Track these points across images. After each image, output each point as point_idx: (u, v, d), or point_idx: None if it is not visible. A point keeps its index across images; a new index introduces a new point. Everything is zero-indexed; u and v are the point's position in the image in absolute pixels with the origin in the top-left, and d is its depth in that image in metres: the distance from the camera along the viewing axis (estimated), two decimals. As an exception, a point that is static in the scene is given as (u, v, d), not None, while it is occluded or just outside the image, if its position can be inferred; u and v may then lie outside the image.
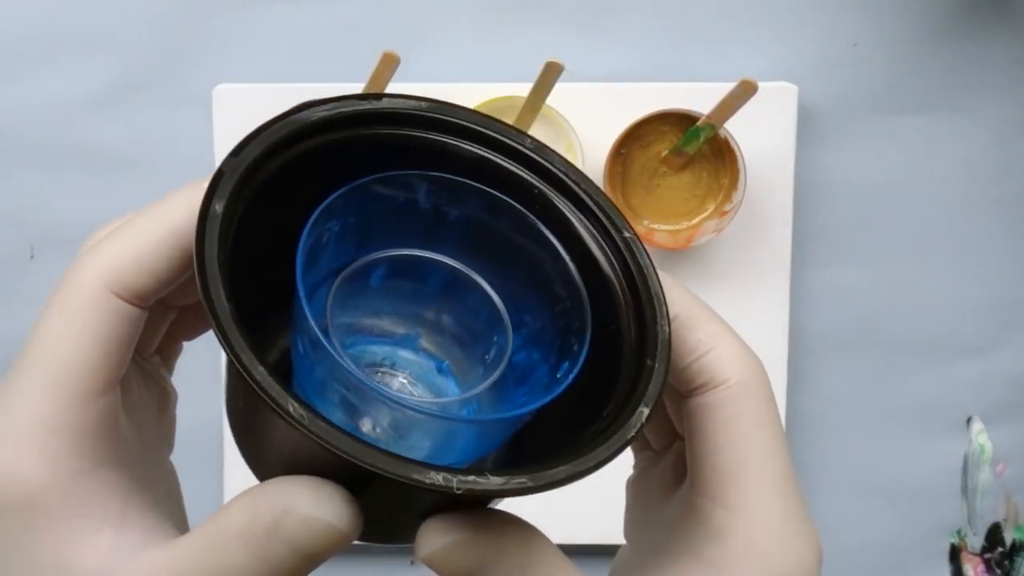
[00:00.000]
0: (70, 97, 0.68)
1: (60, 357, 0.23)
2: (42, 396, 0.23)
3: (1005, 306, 0.71)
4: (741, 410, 0.25)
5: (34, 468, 0.22)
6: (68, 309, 0.24)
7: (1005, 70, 0.68)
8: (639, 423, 0.23)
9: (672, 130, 0.64)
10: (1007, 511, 0.73)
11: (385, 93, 0.25)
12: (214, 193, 0.23)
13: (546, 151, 0.26)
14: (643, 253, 0.26)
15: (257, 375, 0.20)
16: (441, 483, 0.20)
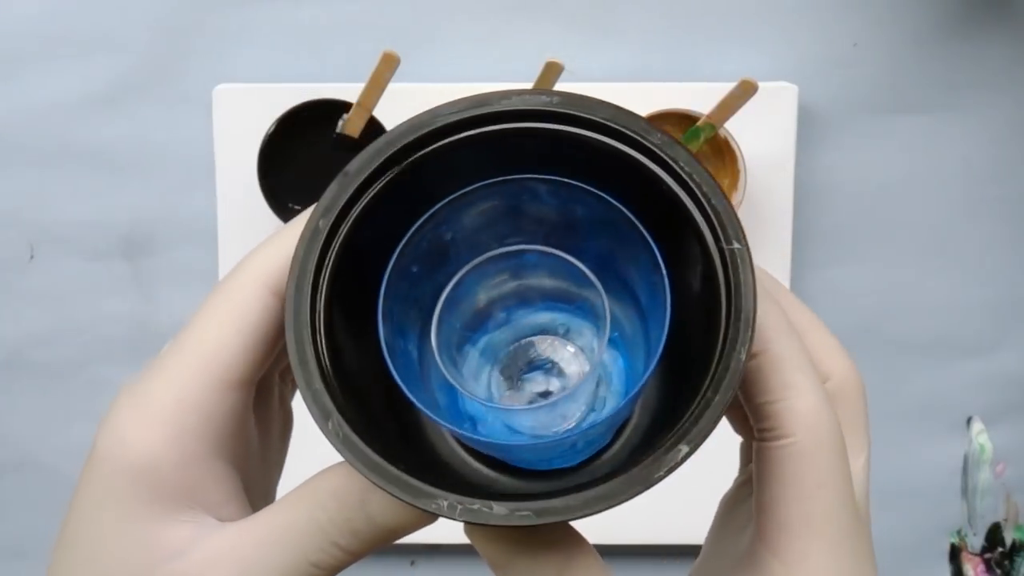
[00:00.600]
0: (70, 97, 0.68)
1: (208, 345, 0.25)
2: (182, 376, 0.25)
3: (1005, 306, 0.71)
4: (805, 469, 0.25)
5: (160, 441, 0.24)
6: (224, 301, 0.25)
7: (1005, 70, 0.68)
8: (671, 464, 0.22)
9: (672, 130, 0.64)
10: (1007, 511, 0.73)
11: (514, 91, 0.25)
12: (320, 211, 0.24)
13: (674, 147, 0.25)
14: (748, 268, 0.24)
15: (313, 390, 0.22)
16: (444, 510, 0.21)
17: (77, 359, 0.70)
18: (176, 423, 0.24)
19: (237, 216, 0.66)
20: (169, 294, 0.70)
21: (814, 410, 0.25)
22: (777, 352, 0.25)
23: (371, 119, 0.61)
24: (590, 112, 0.25)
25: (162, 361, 0.25)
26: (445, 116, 0.25)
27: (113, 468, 0.24)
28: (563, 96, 0.25)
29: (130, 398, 0.25)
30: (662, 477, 0.22)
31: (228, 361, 0.25)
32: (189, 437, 0.24)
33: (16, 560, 0.73)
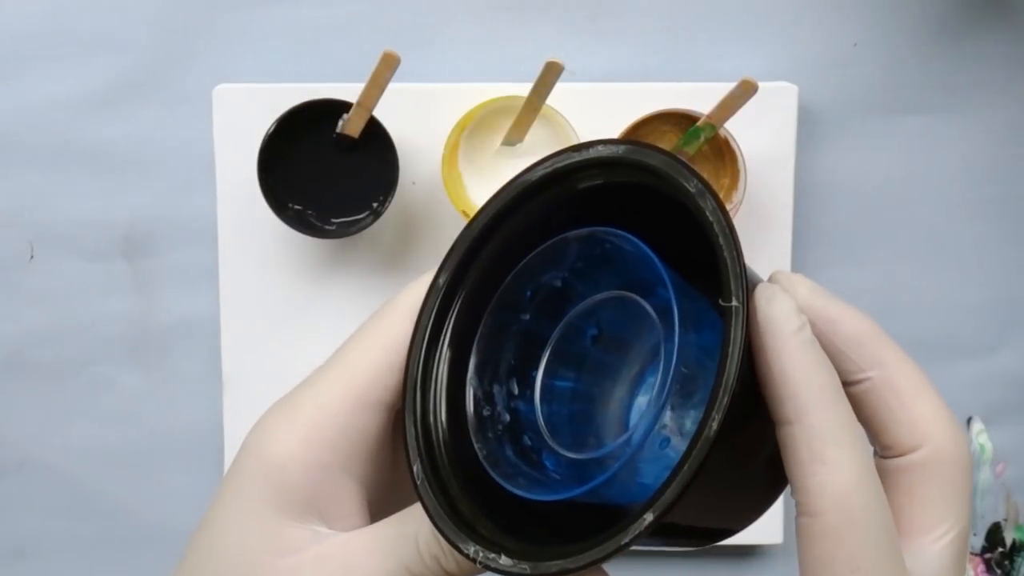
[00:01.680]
0: (70, 97, 0.68)
1: (353, 363, 0.27)
2: (325, 388, 0.27)
3: (1005, 306, 0.71)
4: (833, 550, 0.23)
5: (296, 447, 0.26)
6: (374, 324, 0.27)
7: (1005, 70, 0.68)
8: (636, 532, 0.22)
9: (672, 130, 0.64)
10: (1007, 511, 0.73)
11: (591, 142, 0.27)
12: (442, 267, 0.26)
13: (706, 196, 0.25)
14: (738, 327, 0.23)
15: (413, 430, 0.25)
16: (470, 554, 0.23)
17: (77, 359, 0.70)
18: (312, 429, 0.26)
19: (237, 216, 0.66)
20: (169, 294, 0.70)
21: (847, 489, 0.23)
22: (812, 423, 0.24)
23: (371, 119, 0.61)
24: (647, 158, 0.26)
25: (312, 375, 0.27)
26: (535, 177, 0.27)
27: (253, 463, 0.26)
28: (628, 146, 0.27)
29: (280, 404, 0.27)
30: (627, 544, 0.22)
31: (368, 380, 0.26)
32: (322, 445, 0.26)
33: (16, 560, 0.73)
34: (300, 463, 0.26)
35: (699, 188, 0.25)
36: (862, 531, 0.23)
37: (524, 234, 0.27)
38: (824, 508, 0.23)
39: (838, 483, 0.23)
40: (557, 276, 0.27)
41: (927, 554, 0.25)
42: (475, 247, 0.27)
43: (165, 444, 0.70)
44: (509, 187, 0.27)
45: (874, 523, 0.24)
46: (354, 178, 0.63)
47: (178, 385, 0.70)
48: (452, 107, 0.64)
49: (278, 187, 0.63)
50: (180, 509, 0.73)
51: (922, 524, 0.26)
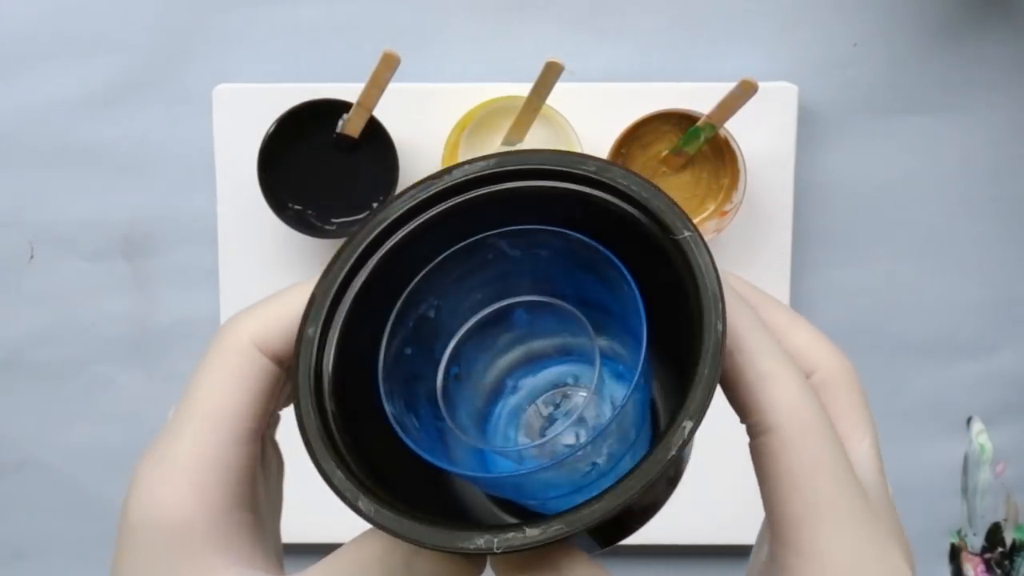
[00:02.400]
0: (70, 97, 0.68)
1: (214, 403, 0.27)
2: (199, 436, 0.26)
3: (1005, 306, 0.71)
4: (795, 456, 0.25)
5: (188, 498, 0.26)
6: (221, 361, 0.27)
7: (1005, 70, 0.68)
8: (680, 441, 0.22)
9: (672, 130, 0.64)
10: (1007, 511, 0.73)
11: (455, 165, 0.27)
12: (307, 318, 0.26)
13: (609, 170, 0.26)
14: (702, 251, 0.25)
15: (335, 481, 0.23)
16: (483, 546, 0.22)
17: (77, 359, 0.70)
18: (200, 481, 0.26)
19: (237, 216, 0.66)
20: (169, 294, 0.70)
21: (795, 397, 0.25)
22: (750, 347, 0.26)
23: (371, 119, 0.61)
24: (525, 163, 0.26)
25: (174, 424, 0.27)
26: (397, 208, 0.26)
27: (149, 532, 0.25)
28: (498, 157, 0.26)
29: (152, 463, 0.26)
30: (674, 456, 0.22)
31: (236, 415, 0.26)
32: (214, 492, 0.26)
33: (16, 560, 0.73)
34: (200, 516, 0.26)
35: (600, 164, 0.26)
36: (817, 435, 0.25)
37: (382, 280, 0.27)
38: (780, 421, 0.25)
39: (788, 395, 0.25)
40: (432, 306, 0.27)
41: (857, 462, 0.27)
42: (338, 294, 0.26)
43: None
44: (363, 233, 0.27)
45: (825, 427, 0.26)
46: (354, 178, 0.63)
47: (178, 385, 0.70)
48: (452, 107, 0.64)
49: (278, 187, 0.63)
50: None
51: (846, 437, 0.27)
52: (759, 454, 0.26)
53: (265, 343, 0.27)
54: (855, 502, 0.25)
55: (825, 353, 0.29)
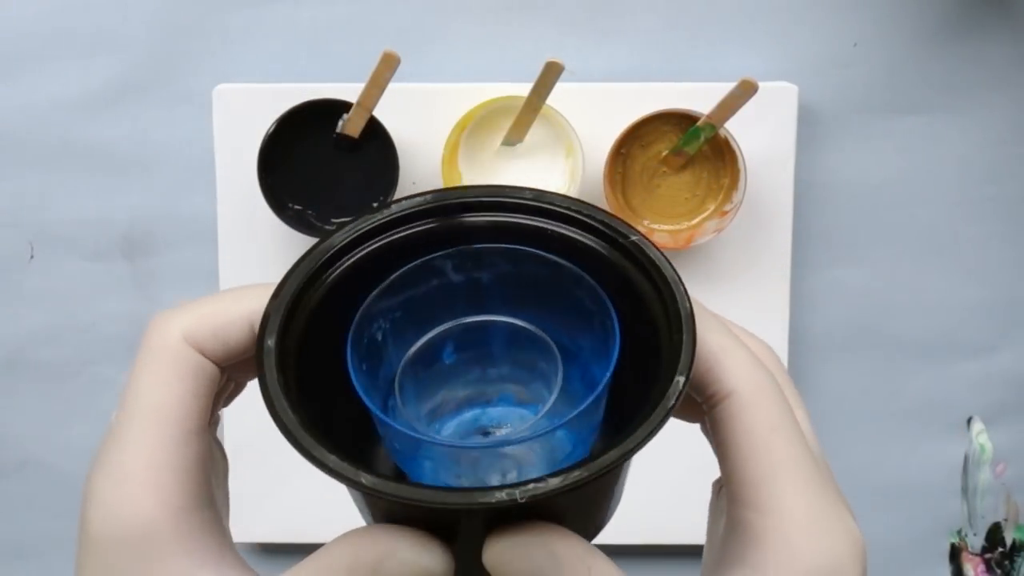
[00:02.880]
0: (70, 97, 0.68)
1: (155, 403, 0.26)
2: (147, 438, 0.26)
3: (1005, 306, 0.71)
4: (754, 417, 0.27)
5: (147, 504, 0.25)
6: (158, 360, 0.27)
7: (1005, 70, 0.68)
8: (676, 392, 0.24)
9: (672, 130, 0.64)
10: (1007, 511, 0.73)
11: (393, 200, 0.28)
12: (265, 330, 0.26)
13: (545, 195, 0.28)
14: (653, 249, 0.27)
15: (330, 463, 0.23)
16: (506, 498, 0.22)
17: (77, 359, 0.70)
18: (156, 484, 0.25)
19: (237, 216, 0.66)
20: (169, 294, 0.70)
21: (748, 363, 0.27)
22: (702, 326, 0.27)
23: (371, 119, 0.61)
24: (462, 197, 0.27)
25: (119, 430, 0.26)
26: (339, 242, 0.27)
27: (113, 543, 0.25)
28: (435, 193, 0.28)
29: (104, 472, 0.26)
30: (674, 406, 0.24)
31: (181, 413, 0.26)
32: (171, 493, 0.25)
33: (16, 560, 0.73)
34: (163, 521, 0.25)
35: (534, 193, 0.28)
36: (772, 396, 0.27)
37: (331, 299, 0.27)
38: (737, 385, 0.27)
39: (743, 361, 0.27)
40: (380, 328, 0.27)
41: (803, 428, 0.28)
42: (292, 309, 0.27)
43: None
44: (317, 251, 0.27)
45: (778, 390, 0.27)
46: (354, 178, 0.63)
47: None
48: (452, 107, 0.64)
49: (278, 187, 0.63)
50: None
51: None
52: (718, 420, 0.27)
53: (196, 341, 0.27)
54: (809, 463, 0.27)
55: (750, 340, 0.30)
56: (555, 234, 0.28)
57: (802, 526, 0.26)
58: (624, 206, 0.65)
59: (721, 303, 0.68)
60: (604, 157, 0.63)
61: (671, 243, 0.65)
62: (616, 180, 0.65)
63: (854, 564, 0.26)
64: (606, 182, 0.63)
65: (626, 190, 0.65)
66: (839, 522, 0.27)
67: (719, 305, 0.68)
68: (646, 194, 0.65)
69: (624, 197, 0.65)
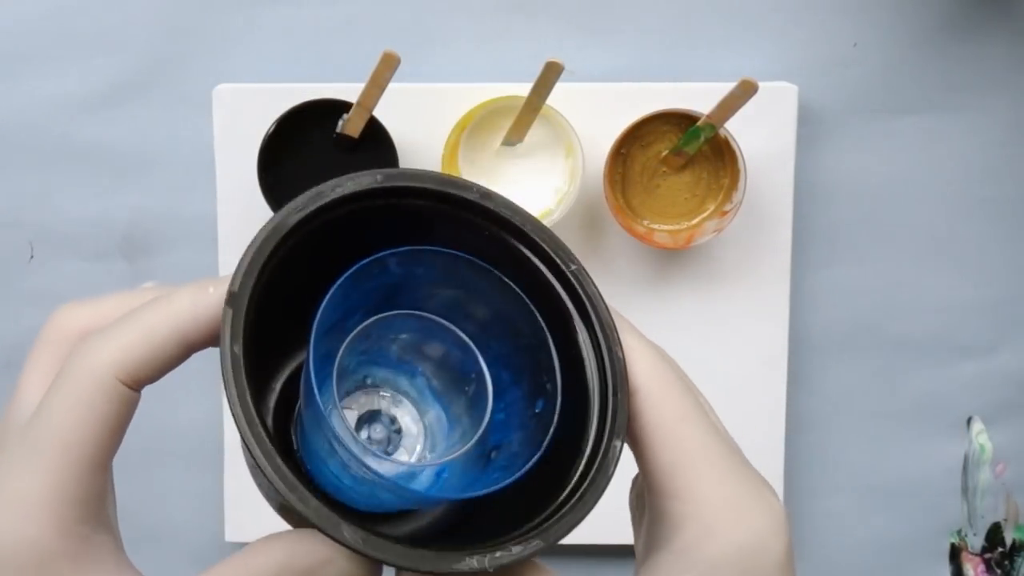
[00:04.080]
0: (70, 97, 0.68)
1: (73, 437, 0.26)
2: (56, 470, 0.26)
3: (1005, 306, 0.71)
4: (662, 411, 0.28)
5: (44, 535, 0.25)
6: (80, 394, 0.26)
7: (1005, 70, 0.68)
8: (615, 459, 0.25)
9: (672, 130, 0.64)
10: (1007, 511, 0.73)
11: (346, 177, 0.28)
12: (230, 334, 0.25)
13: (491, 197, 0.28)
14: (591, 283, 0.28)
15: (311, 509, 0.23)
16: (476, 567, 0.24)
17: (77, 359, 0.70)
18: (60, 515, 0.25)
19: (237, 216, 0.66)
20: (169, 294, 0.70)
21: (652, 361, 0.28)
22: None
23: (371, 119, 0.61)
24: (412, 181, 0.28)
25: (20, 456, 0.26)
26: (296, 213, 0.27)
27: (7, 569, 0.25)
28: (384, 173, 0.28)
29: (4, 496, 0.26)
30: (614, 472, 0.25)
31: (93, 450, 0.26)
32: (74, 524, 0.26)
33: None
34: (62, 551, 0.25)
35: (481, 192, 0.28)
36: (677, 389, 0.28)
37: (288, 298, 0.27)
38: (643, 381, 0.28)
39: (647, 358, 0.28)
40: None
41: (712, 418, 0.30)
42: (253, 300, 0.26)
43: (165, 444, 0.70)
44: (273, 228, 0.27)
45: (684, 384, 0.28)
46: (354, 178, 0.63)
47: (178, 385, 0.69)
48: (452, 107, 0.64)
49: (278, 187, 0.63)
50: (180, 509, 0.73)
51: None
52: (630, 419, 0.28)
53: (126, 373, 0.27)
54: (723, 447, 0.28)
55: None
56: (499, 239, 0.28)
57: (719, 507, 0.27)
58: (624, 206, 0.65)
59: (721, 303, 0.68)
60: (604, 157, 0.63)
61: (671, 243, 0.65)
62: (616, 180, 0.65)
63: (776, 537, 0.27)
64: (606, 182, 0.63)
65: (626, 190, 0.65)
66: (758, 499, 0.27)
67: (719, 305, 0.69)
68: (646, 194, 0.65)
69: (624, 197, 0.65)
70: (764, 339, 0.68)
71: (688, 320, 0.67)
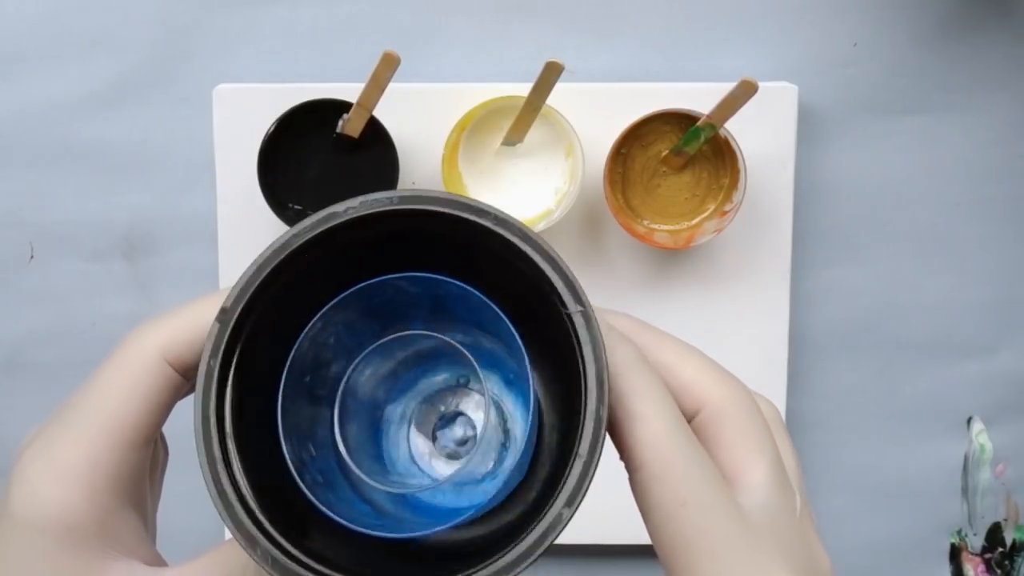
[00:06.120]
0: (70, 97, 0.68)
1: (115, 410, 0.27)
2: (95, 441, 0.27)
3: (1005, 306, 0.71)
4: (661, 492, 0.27)
5: (77, 500, 0.27)
6: (128, 370, 0.28)
7: (1005, 70, 0.68)
8: (560, 526, 0.24)
9: (672, 130, 0.64)
10: (1007, 511, 0.73)
11: (360, 199, 0.27)
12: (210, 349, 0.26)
13: (508, 224, 0.27)
14: (595, 326, 0.26)
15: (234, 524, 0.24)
16: None
17: (77, 359, 0.70)
18: (91, 485, 0.27)
19: (237, 216, 0.66)
20: (169, 294, 0.70)
21: (660, 436, 0.27)
22: (620, 389, 0.27)
23: (371, 119, 0.61)
24: (428, 204, 0.27)
25: (68, 423, 0.27)
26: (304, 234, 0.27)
27: (34, 527, 0.27)
28: (401, 195, 0.27)
29: (43, 461, 0.27)
30: (551, 543, 0.24)
31: (133, 425, 0.27)
32: (104, 495, 0.27)
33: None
34: (90, 517, 0.27)
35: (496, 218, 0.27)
36: (681, 470, 0.27)
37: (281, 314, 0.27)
38: (645, 458, 0.27)
39: (652, 433, 0.27)
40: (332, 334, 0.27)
41: (751, 488, 0.28)
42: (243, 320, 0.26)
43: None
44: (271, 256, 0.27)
45: (690, 462, 0.27)
46: (354, 178, 0.63)
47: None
48: (452, 107, 0.64)
49: (278, 187, 0.63)
50: (180, 509, 0.73)
51: (735, 466, 0.29)
52: (634, 489, 0.28)
53: (173, 354, 0.28)
54: (728, 529, 0.27)
55: (711, 384, 0.29)
56: (516, 268, 0.27)
57: None
58: (624, 206, 0.65)
59: (721, 303, 0.68)
60: (604, 157, 0.63)
61: (671, 243, 0.65)
62: (616, 180, 0.65)
63: None
64: (606, 182, 0.63)
65: (626, 190, 0.65)
66: None
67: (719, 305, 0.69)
68: (646, 194, 0.65)
69: (624, 197, 0.65)
70: (764, 339, 0.68)
71: (688, 320, 0.68)
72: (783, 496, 0.29)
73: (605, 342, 0.26)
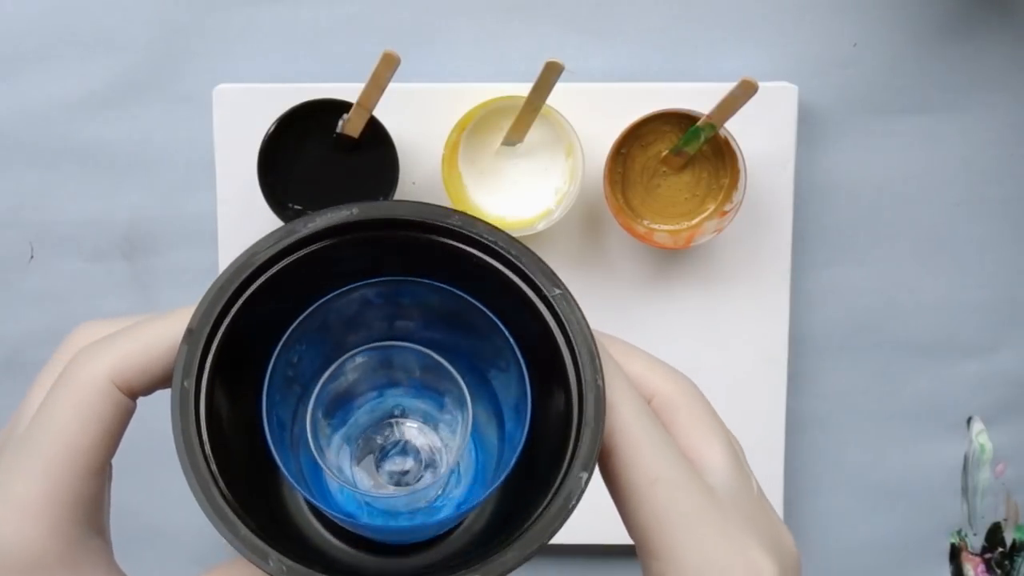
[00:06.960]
0: (70, 97, 0.68)
1: (69, 441, 0.27)
2: (51, 474, 0.26)
3: (1005, 306, 0.71)
4: (632, 473, 0.28)
5: (39, 536, 0.26)
6: (78, 397, 0.27)
7: (1005, 70, 0.68)
8: (579, 490, 0.25)
9: (672, 130, 0.64)
10: (1007, 511, 0.73)
11: (318, 212, 0.27)
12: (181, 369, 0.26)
13: (474, 224, 0.27)
14: (576, 308, 0.27)
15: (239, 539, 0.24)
16: None
17: (77, 359, 0.70)
18: (52, 518, 0.26)
19: (237, 216, 0.66)
20: (169, 294, 0.70)
21: (628, 421, 0.28)
22: None
23: (371, 119, 0.61)
24: (390, 213, 0.27)
25: (22, 455, 0.27)
26: (264, 251, 0.26)
27: (3, 569, 0.26)
28: (360, 207, 0.27)
29: (0, 498, 0.26)
30: (575, 506, 0.25)
31: (89, 453, 0.27)
32: (66, 526, 0.26)
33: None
34: (53, 552, 0.26)
35: (464, 218, 0.27)
36: (650, 451, 0.28)
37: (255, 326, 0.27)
38: (615, 444, 0.28)
39: (621, 419, 0.28)
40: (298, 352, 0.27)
41: (712, 469, 0.30)
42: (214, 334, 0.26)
43: (165, 444, 0.69)
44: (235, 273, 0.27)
45: (658, 444, 0.28)
46: (354, 178, 0.63)
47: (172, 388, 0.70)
48: (452, 107, 0.64)
49: (278, 187, 0.63)
50: (180, 509, 0.73)
51: (694, 450, 0.30)
52: (606, 480, 0.29)
53: (122, 379, 0.27)
54: (699, 503, 0.28)
55: (660, 378, 0.31)
56: (481, 263, 0.27)
57: (701, 569, 0.27)
58: (624, 206, 0.65)
59: (721, 303, 0.68)
60: (604, 157, 0.63)
61: (671, 243, 0.65)
62: (616, 180, 0.65)
63: None
64: (606, 182, 0.63)
65: (626, 190, 0.65)
66: (739, 556, 0.28)
67: (719, 305, 0.69)
68: (646, 194, 0.65)
69: (624, 197, 0.65)
70: (764, 339, 0.68)
71: (688, 320, 0.68)
72: (742, 476, 0.30)
73: (599, 354, 0.27)
